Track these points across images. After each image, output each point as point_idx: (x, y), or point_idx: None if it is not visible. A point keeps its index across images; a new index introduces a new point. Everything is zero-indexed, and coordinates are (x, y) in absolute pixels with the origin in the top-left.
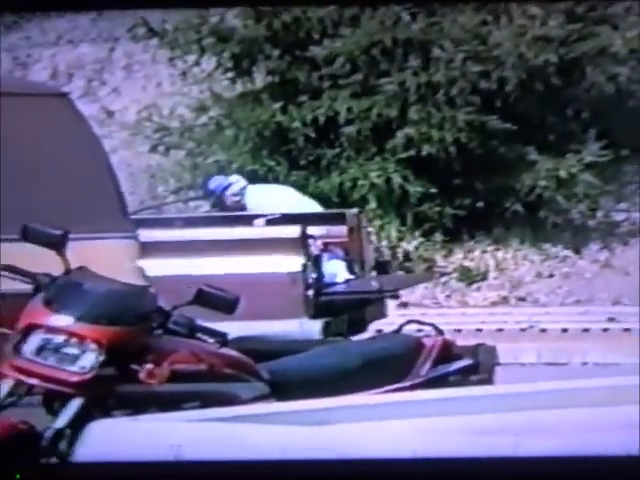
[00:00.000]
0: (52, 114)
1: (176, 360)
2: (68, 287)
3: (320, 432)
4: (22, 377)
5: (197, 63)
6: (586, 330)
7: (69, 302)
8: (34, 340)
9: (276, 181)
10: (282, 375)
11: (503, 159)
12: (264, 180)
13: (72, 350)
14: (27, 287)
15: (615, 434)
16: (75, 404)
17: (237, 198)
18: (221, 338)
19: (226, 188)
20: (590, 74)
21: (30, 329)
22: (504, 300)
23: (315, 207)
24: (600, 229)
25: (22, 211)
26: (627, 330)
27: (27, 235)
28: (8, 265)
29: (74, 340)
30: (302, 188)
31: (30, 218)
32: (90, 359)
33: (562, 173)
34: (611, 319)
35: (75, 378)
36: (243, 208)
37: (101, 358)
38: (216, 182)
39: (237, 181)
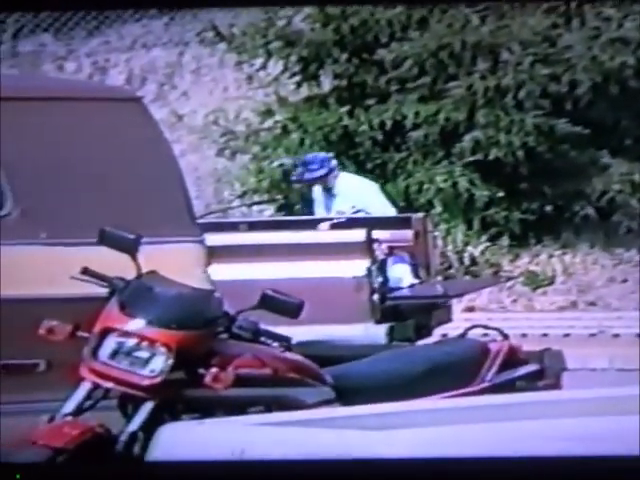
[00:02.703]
0: (127, 118)
1: (241, 364)
2: (140, 291)
3: (385, 437)
4: (99, 380)
5: (263, 67)
6: None
7: (141, 306)
8: (109, 344)
9: None
10: (347, 380)
11: (573, 163)
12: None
13: (143, 354)
14: (102, 291)
15: None
16: (147, 408)
17: (322, 172)
18: (285, 342)
19: (316, 171)
20: None
21: (105, 333)
22: (572, 305)
23: (391, 212)
24: None
25: (96, 214)
26: None
27: (104, 239)
28: (86, 268)
29: (145, 344)
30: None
31: (103, 221)
32: (159, 363)
33: (637, 177)
34: None
35: (146, 382)
36: (330, 190)
37: (170, 362)
38: (316, 157)
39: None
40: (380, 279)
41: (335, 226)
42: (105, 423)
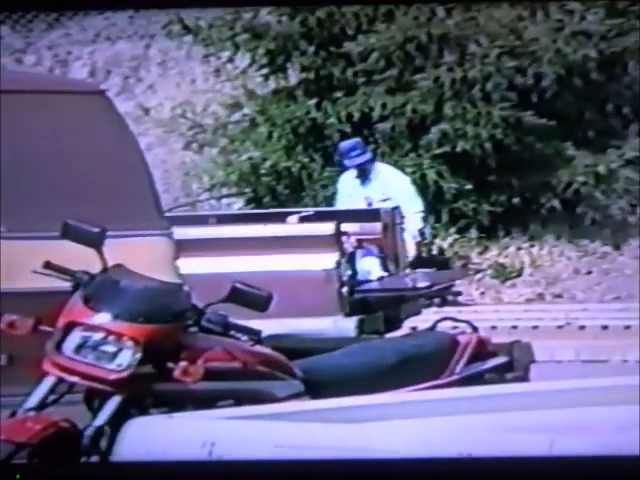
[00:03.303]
0: (91, 112)
1: (210, 358)
2: (106, 285)
3: (354, 430)
4: (63, 375)
5: (231, 60)
6: (627, 327)
7: (107, 300)
8: (74, 338)
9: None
10: (316, 373)
11: (540, 155)
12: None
13: (110, 348)
14: (65, 285)
15: None
16: (114, 402)
17: (369, 156)
18: (255, 336)
19: (359, 156)
20: (632, 69)
21: (70, 327)
22: (540, 297)
23: (419, 206)
24: None
25: (59, 208)
26: None
27: (67, 232)
28: (48, 262)
29: (112, 338)
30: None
31: (67, 215)
32: (127, 357)
33: (601, 169)
34: None
35: (113, 376)
36: (366, 175)
37: (137, 356)
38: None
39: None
40: (349, 272)
41: (304, 219)
42: (70, 418)
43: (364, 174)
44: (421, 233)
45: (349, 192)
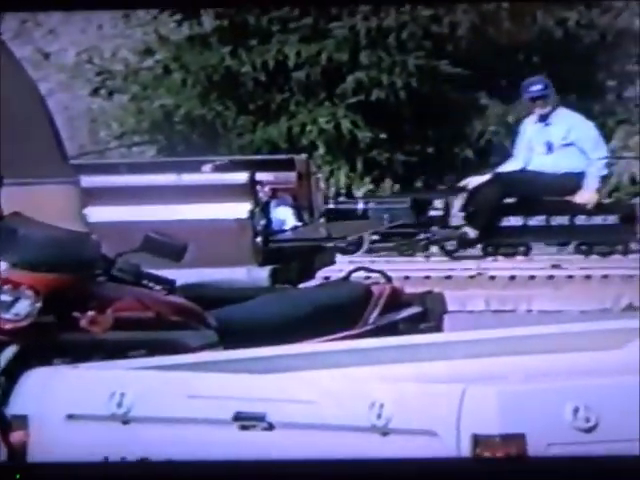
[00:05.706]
0: None
1: (121, 307)
2: (2, 233)
3: (267, 381)
4: None
5: None
6: (532, 277)
7: (2, 249)
8: None
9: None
10: (230, 323)
11: (454, 104)
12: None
13: (5, 297)
14: None
15: (559, 380)
16: (8, 352)
17: (549, 91)
18: (168, 285)
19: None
20: (541, 19)
21: None
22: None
23: (603, 151)
24: None
25: None
26: (571, 277)
27: None
28: None
29: (8, 287)
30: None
31: None
32: (25, 306)
33: (510, 118)
34: (555, 266)
35: (8, 325)
36: (545, 117)
37: (37, 305)
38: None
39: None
40: (263, 221)
41: (218, 168)
42: None
43: (545, 118)
44: (603, 179)
45: (530, 136)
